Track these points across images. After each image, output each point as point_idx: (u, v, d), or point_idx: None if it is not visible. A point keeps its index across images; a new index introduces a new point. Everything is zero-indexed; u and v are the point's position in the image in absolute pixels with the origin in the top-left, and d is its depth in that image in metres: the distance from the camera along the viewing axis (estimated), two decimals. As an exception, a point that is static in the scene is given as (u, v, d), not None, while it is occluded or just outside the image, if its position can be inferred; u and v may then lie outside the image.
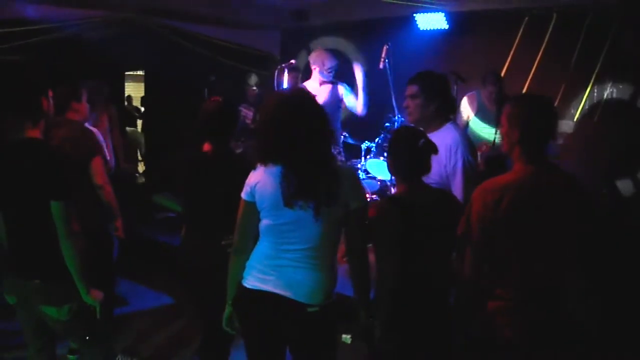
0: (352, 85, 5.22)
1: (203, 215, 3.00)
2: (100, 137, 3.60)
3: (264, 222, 2.28)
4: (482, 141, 5.08)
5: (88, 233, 2.57)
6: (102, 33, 5.98)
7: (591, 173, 5.19)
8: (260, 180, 2.24)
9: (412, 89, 2.99)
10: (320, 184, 2.16)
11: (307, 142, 2.16)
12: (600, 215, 2.24)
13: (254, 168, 2.31)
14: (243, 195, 2.30)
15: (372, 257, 2.43)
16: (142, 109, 9.97)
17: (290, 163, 2.17)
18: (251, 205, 2.28)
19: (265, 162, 2.24)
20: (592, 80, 5.49)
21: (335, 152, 2.40)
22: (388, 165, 2.59)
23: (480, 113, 5.27)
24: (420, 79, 3.02)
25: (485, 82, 5.14)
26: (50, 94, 2.57)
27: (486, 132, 5.19)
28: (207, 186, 2.94)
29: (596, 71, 5.44)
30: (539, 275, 2.20)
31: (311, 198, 2.16)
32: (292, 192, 2.15)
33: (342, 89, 5.21)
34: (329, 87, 5.17)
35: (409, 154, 2.46)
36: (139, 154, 9.07)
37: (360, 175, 5.47)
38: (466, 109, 5.26)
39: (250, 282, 2.31)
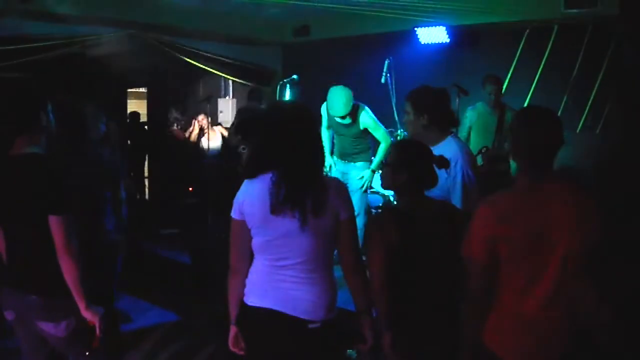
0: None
1: None
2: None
3: (256, 240, 2.27)
4: (482, 146, 5.17)
5: (91, 247, 2.55)
6: (106, 50, 6.02)
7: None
8: (247, 196, 2.25)
9: (405, 106, 3.05)
10: (308, 193, 2.18)
11: (303, 149, 2.21)
12: (610, 222, 2.17)
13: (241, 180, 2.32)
14: (232, 214, 2.30)
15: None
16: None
17: (284, 168, 2.19)
18: (241, 223, 2.27)
19: (255, 173, 2.25)
20: (594, 92, 5.50)
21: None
22: (389, 178, 2.57)
23: (481, 119, 5.42)
24: (410, 94, 3.06)
25: (484, 82, 5.38)
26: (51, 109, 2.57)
27: (486, 138, 5.28)
28: None
29: (598, 82, 5.45)
30: (547, 288, 2.16)
31: (298, 205, 2.16)
32: (280, 199, 2.16)
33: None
34: None
35: (420, 169, 2.46)
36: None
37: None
38: (468, 118, 5.48)
39: (251, 299, 2.30)
